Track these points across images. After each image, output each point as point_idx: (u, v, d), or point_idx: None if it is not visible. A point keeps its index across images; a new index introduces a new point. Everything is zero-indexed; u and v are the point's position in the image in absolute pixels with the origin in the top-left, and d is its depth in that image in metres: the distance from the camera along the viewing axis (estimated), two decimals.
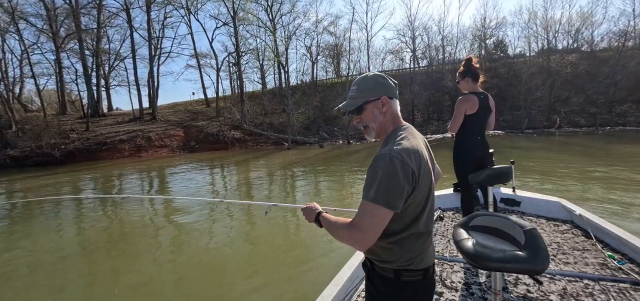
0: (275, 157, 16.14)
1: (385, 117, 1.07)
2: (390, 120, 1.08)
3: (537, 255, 1.07)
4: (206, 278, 3.68)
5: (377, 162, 0.93)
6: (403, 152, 0.92)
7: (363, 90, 1.08)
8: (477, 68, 2.52)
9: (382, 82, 1.08)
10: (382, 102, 1.06)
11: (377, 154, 0.96)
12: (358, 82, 1.11)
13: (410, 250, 0.98)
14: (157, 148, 20.00)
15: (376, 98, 1.06)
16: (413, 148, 0.96)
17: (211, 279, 3.68)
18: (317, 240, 4.58)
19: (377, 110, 1.06)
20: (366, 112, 1.08)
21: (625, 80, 24.25)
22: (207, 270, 3.91)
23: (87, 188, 10.39)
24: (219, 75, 28.20)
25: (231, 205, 7.15)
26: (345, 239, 0.96)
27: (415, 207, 0.96)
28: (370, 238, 0.91)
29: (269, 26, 28.58)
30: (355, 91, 1.09)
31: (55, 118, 22.37)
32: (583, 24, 29.41)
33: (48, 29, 23.82)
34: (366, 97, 1.07)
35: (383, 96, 1.06)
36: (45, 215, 6.94)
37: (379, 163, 0.92)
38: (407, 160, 0.91)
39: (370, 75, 1.10)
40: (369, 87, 1.07)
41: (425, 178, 0.97)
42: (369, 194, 0.91)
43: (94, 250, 4.80)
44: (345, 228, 0.96)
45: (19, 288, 3.69)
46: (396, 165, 0.89)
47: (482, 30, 31.90)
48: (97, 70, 26.48)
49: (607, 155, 11.13)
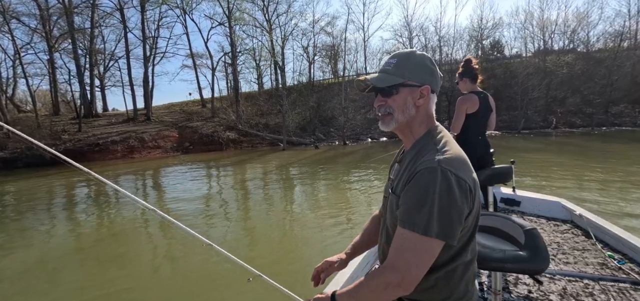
0: (269, 158, 15.96)
1: (418, 112, 0.84)
2: (424, 119, 0.86)
3: (537, 255, 1.07)
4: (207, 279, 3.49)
5: (423, 178, 0.71)
6: (455, 162, 0.73)
7: (403, 68, 0.83)
8: (475, 68, 2.52)
9: (431, 68, 0.85)
10: (422, 92, 0.83)
11: (417, 166, 0.74)
12: (399, 56, 0.85)
13: (457, 287, 0.80)
14: (150, 149, 19.73)
15: (417, 85, 0.83)
16: (462, 157, 0.78)
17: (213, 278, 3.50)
18: (317, 240, 4.46)
19: (412, 99, 0.83)
20: (398, 96, 0.83)
21: (621, 80, 24.33)
22: (208, 273, 3.72)
23: (60, 188, 10.16)
24: (214, 75, 27.99)
25: (229, 207, 6.98)
26: (382, 292, 0.72)
27: (467, 230, 0.78)
28: (414, 277, 0.71)
29: (266, 26, 28.41)
30: (392, 66, 0.84)
31: (47, 119, 22.05)
32: (579, 25, 29.57)
33: (41, 28, 23.51)
34: (405, 78, 0.82)
35: (426, 85, 0.83)
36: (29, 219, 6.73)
37: (427, 180, 0.70)
38: (461, 174, 0.72)
39: (417, 54, 0.85)
40: (412, 67, 0.83)
41: (477, 193, 0.79)
42: (415, 222, 0.70)
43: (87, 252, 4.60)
44: (376, 277, 0.74)
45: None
46: (452, 183, 0.69)
47: (478, 30, 31.93)
48: (90, 70, 26.14)
49: (603, 155, 11.05)
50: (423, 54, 0.85)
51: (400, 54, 0.86)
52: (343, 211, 6.01)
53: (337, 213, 5.81)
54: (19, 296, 3.51)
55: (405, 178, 0.78)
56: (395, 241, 0.74)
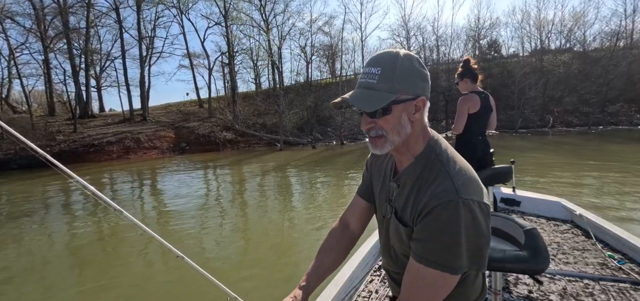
0: (265, 159, 15.85)
1: (414, 128, 0.71)
2: (420, 133, 0.73)
3: (537, 255, 1.07)
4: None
5: (444, 216, 0.63)
6: (472, 186, 0.65)
7: (390, 80, 0.67)
8: (475, 68, 2.51)
9: (422, 72, 0.70)
10: (417, 106, 0.70)
11: (430, 200, 0.65)
12: (382, 63, 0.68)
13: (474, 289, 0.77)
14: (146, 149, 19.58)
15: (411, 99, 0.69)
16: (473, 174, 0.69)
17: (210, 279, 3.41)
18: (315, 241, 4.38)
19: (407, 116, 0.69)
20: (391, 116, 0.69)
21: (617, 80, 24.46)
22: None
23: (51, 193, 10.04)
24: (211, 75, 27.82)
25: (226, 205, 6.89)
26: None
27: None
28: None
29: (263, 26, 28.31)
30: (377, 77, 0.67)
31: (42, 120, 21.85)
32: (575, 24, 29.72)
33: (36, 28, 23.28)
34: (397, 93, 0.67)
35: (421, 97, 0.70)
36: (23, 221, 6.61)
37: (450, 218, 0.62)
38: (481, 198, 0.65)
39: (403, 56, 0.68)
40: (402, 76, 0.67)
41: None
42: (440, 262, 0.64)
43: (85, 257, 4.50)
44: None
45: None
46: (476, 213, 0.63)
47: (475, 30, 32.04)
48: (86, 71, 25.94)
49: (600, 154, 11.04)
50: (409, 55, 0.70)
51: (383, 58, 0.68)
52: (338, 214, 5.93)
53: (332, 217, 5.74)
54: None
55: (415, 211, 0.69)
56: (413, 277, 0.68)
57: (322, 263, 0.90)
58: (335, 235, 0.95)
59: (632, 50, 26.79)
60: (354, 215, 0.96)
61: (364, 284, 2.03)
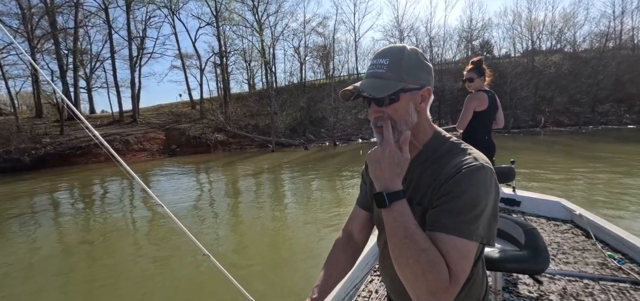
0: (255, 160, 15.65)
1: (420, 118, 0.75)
2: (426, 123, 0.77)
3: (537, 255, 1.07)
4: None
5: (475, 178, 0.63)
6: (488, 162, 0.68)
7: (398, 69, 0.71)
8: (484, 68, 2.55)
9: (427, 65, 0.75)
10: (423, 95, 0.74)
11: (453, 170, 0.65)
12: (390, 54, 0.72)
13: (480, 287, 0.78)
14: (135, 152, 19.23)
15: (417, 88, 0.72)
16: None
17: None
18: (316, 241, 4.39)
19: (414, 105, 0.73)
20: (399, 104, 0.71)
21: (607, 80, 24.76)
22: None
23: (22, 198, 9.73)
24: (203, 76, 27.53)
25: (219, 207, 6.70)
26: (422, 279, 0.58)
27: None
28: (460, 284, 0.62)
29: (256, 26, 28.09)
30: (385, 67, 0.71)
31: (28, 122, 21.35)
32: (565, 25, 30.03)
33: (23, 29, 22.75)
34: (404, 81, 0.71)
35: (426, 87, 0.74)
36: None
37: (481, 181, 0.63)
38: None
39: (409, 49, 0.73)
40: (409, 67, 0.71)
41: None
42: (468, 227, 0.61)
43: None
44: (428, 270, 0.58)
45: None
46: (496, 184, 0.66)
47: (468, 31, 32.23)
48: (74, 71, 25.44)
49: (592, 153, 11.09)
50: (415, 49, 0.75)
51: (391, 51, 0.73)
52: (334, 216, 5.76)
53: (328, 220, 5.59)
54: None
55: (436, 182, 0.68)
56: (448, 246, 0.62)
57: (330, 275, 0.91)
58: (341, 246, 0.97)
59: (620, 50, 27.19)
60: (356, 226, 0.98)
61: (364, 284, 2.04)
